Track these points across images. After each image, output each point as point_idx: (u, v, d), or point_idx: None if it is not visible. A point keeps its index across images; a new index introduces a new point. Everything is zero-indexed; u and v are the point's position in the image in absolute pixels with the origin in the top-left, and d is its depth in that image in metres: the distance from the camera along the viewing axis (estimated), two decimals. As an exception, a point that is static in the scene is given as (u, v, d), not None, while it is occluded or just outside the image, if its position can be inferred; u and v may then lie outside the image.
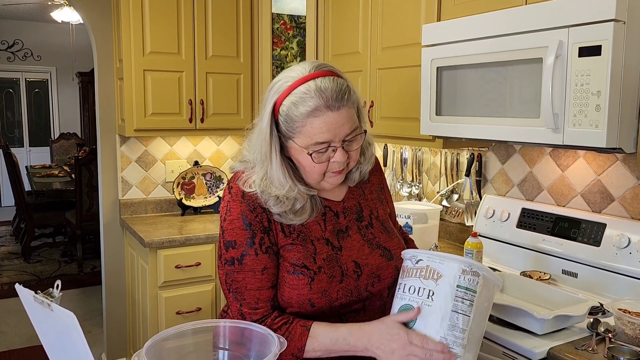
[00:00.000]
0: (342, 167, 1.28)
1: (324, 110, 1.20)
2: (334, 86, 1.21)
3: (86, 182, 5.12)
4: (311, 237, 1.31)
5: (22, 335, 3.95)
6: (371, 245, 1.37)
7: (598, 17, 1.46)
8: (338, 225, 1.36)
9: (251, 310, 1.27)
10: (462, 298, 1.13)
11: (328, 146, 1.23)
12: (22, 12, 7.81)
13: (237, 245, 1.27)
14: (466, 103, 1.89)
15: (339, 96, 1.21)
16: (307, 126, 1.21)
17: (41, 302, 0.98)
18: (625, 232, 1.80)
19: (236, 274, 1.28)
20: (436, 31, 1.99)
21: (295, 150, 1.26)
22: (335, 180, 1.31)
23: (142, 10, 2.86)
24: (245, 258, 1.27)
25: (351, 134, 1.25)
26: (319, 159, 1.24)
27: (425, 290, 1.15)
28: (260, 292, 1.27)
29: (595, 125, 1.49)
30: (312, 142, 1.22)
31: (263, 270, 1.27)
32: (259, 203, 1.27)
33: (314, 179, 1.30)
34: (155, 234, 2.77)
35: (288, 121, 1.23)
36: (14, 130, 9.02)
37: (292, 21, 3.16)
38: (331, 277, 1.28)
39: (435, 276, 1.14)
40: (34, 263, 5.80)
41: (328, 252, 1.31)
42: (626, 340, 1.46)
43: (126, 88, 2.88)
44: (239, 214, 1.28)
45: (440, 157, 2.61)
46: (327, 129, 1.21)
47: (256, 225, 1.27)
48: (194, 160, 3.35)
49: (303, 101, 1.20)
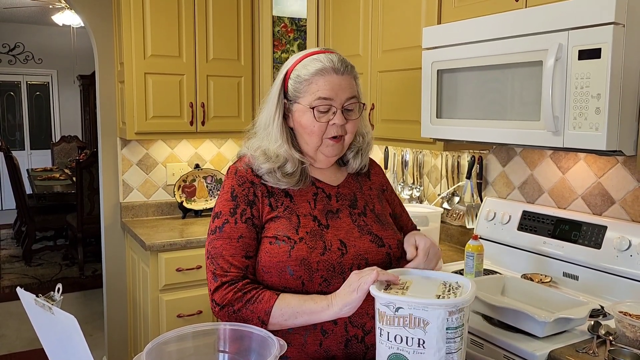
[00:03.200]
0: (339, 132, 1.36)
1: (330, 71, 1.35)
2: (340, 57, 1.38)
3: (87, 185, 5.13)
4: (298, 212, 1.36)
5: (24, 339, 3.95)
6: (362, 230, 1.39)
7: (598, 20, 1.46)
8: (329, 206, 1.40)
9: (223, 273, 1.31)
10: (454, 338, 1.10)
11: (330, 106, 1.34)
12: (23, 15, 7.82)
13: (221, 215, 1.35)
14: (467, 106, 1.89)
15: (343, 64, 1.37)
16: (312, 84, 1.34)
17: (42, 306, 0.98)
18: (626, 234, 1.80)
19: (216, 241, 1.34)
20: (437, 34, 2.00)
21: (299, 113, 1.37)
22: (331, 150, 1.38)
23: (143, 13, 2.86)
24: (225, 226, 1.34)
25: (351, 100, 1.37)
26: (319, 117, 1.34)
27: (415, 339, 1.10)
28: (234, 258, 1.32)
29: (595, 128, 1.49)
30: (316, 97, 1.34)
31: (239, 239, 1.33)
32: (249, 178, 1.37)
33: (312, 143, 1.37)
34: (156, 237, 2.78)
35: (297, 82, 1.37)
36: (15, 133, 9.03)
37: (292, 24, 3.17)
38: (312, 248, 1.31)
39: (421, 324, 1.09)
40: (35, 266, 5.80)
41: (313, 226, 1.34)
42: (627, 343, 1.46)
43: (127, 91, 2.88)
44: (228, 188, 1.38)
45: (441, 159, 2.61)
46: (330, 87, 1.34)
47: (241, 198, 1.35)
48: (195, 163, 3.36)
49: (312, 63, 1.36)
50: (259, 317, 1.26)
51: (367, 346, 1.32)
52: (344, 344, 1.31)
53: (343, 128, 1.37)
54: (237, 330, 1.16)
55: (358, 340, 1.32)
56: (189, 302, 2.77)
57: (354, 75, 1.40)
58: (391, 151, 2.84)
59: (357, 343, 1.32)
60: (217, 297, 1.30)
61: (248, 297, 1.28)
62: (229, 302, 1.28)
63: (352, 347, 1.31)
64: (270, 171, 1.36)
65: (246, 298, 1.28)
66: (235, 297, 1.28)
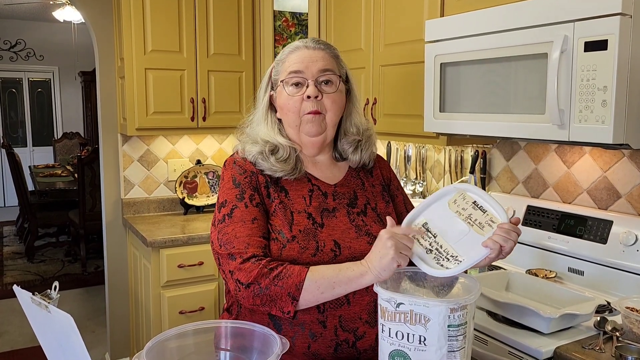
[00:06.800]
0: (314, 107, 1.34)
1: (302, 48, 1.38)
2: (316, 39, 1.42)
3: (89, 182, 5.12)
4: (292, 209, 1.32)
5: (26, 335, 3.95)
6: (359, 231, 1.34)
7: (604, 11, 1.43)
8: (325, 204, 1.36)
9: (242, 250, 1.23)
10: (456, 336, 1.08)
11: (303, 79, 1.35)
12: (24, 11, 7.81)
13: (227, 203, 1.31)
14: (470, 99, 1.86)
15: (316, 41, 1.40)
16: (286, 62, 1.38)
17: (39, 304, 0.96)
18: (632, 229, 1.78)
19: (226, 228, 1.28)
20: (439, 27, 1.97)
21: (278, 95, 1.39)
22: (311, 127, 1.35)
23: (143, 9, 2.84)
24: (234, 211, 1.29)
25: (326, 73, 1.36)
26: (292, 92, 1.35)
27: (416, 336, 1.08)
28: (251, 239, 1.25)
29: (601, 121, 1.46)
30: (287, 72, 1.36)
31: (253, 220, 1.28)
32: (248, 167, 1.35)
33: (292, 122, 1.37)
34: (157, 233, 2.76)
35: (276, 66, 1.41)
36: (17, 130, 9.03)
37: (294, 18, 3.15)
38: (303, 249, 1.27)
39: (422, 320, 1.08)
40: (38, 263, 5.80)
41: (307, 225, 1.30)
42: (634, 339, 1.44)
43: (128, 87, 2.87)
44: (229, 177, 1.35)
45: (444, 154, 2.59)
46: (300, 60, 1.36)
47: (245, 185, 1.33)
48: (196, 159, 3.34)
49: (289, 46, 1.41)
50: (290, 293, 1.18)
51: (359, 351, 1.29)
52: (334, 348, 1.27)
53: (320, 103, 1.35)
54: (238, 327, 1.14)
55: (349, 345, 1.28)
56: (191, 298, 2.76)
57: (331, 53, 1.40)
58: (394, 146, 2.82)
59: (347, 348, 1.28)
60: (241, 276, 1.20)
61: (275, 272, 1.19)
62: (255, 280, 1.19)
63: (342, 351, 1.28)
64: (261, 153, 1.34)
65: (273, 274, 1.19)
66: (261, 273, 1.19)
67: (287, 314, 1.21)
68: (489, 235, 1.19)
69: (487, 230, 1.19)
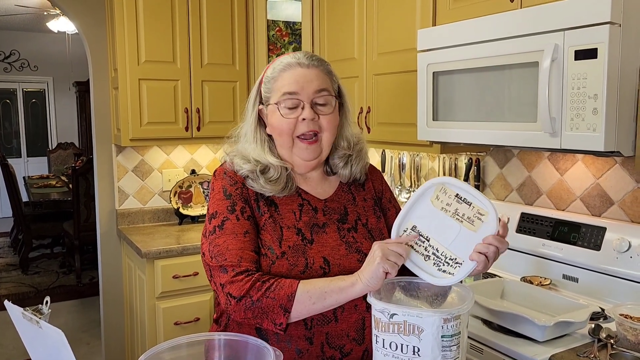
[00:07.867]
0: (310, 127, 1.30)
1: (295, 66, 1.32)
2: (308, 53, 1.37)
3: (84, 192, 5.10)
4: (281, 224, 1.30)
5: (20, 348, 3.92)
6: (349, 248, 1.33)
7: (594, 19, 1.44)
8: (315, 219, 1.34)
9: (235, 264, 1.22)
10: (449, 346, 1.08)
11: (298, 100, 1.30)
12: (18, 22, 7.81)
13: (218, 214, 1.29)
14: (463, 108, 1.87)
15: (309, 58, 1.34)
16: (278, 81, 1.32)
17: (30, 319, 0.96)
18: (626, 235, 1.79)
19: (217, 239, 1.26)
20: (432, 36, 1.98)
21: (270, 114, 1.34)
22: (306, 153, 1.32)
23: (137, 19, 2.84)
24: (226, 223, 1.28)
25: (321, 93, 1.32)
26: (287, 113, 1.30)
27: (410, 346, 1.08)
28: (243, 252, 1.24)
29: (592, 129, 1.47)
30: (281, 93, 1.31)
31: (245, 234, 1.26)
32: (238, 179, 1.33)
33: (284, 143, 1.33)
34: (152, 244, 2.75)
35: (267, 83, 1.35)
36: (11, 141, 9.00)
37: (287, 28, 3.15)
38: (293, 265, 1.25)
39: (416, 331, 1.08)
40: (32, 274, 5.77)
41: (296, 241, 1.29)
42: (628, 347, 1.44)
43: (121, 97, 2.86)
44: (220, 188, 1.33)
45: (438, 162, 2.59)
46: (294, 80, 1.30)
47: (237, 196, 1.31)
48: (191, 168, 3.33)
49: (280, 62, 1.35)
50: (281, 305, 1.18)
51: None
52: None
53: (316, 124, 1.31)
54: (232, 339, 1.14)
55: None
56: (186, 309, 2.74)
57: (325, 69, 1.35)
58: (388, 154, 2.82)
59: None
60: (233, 290, 1.19)
61: (267, 285, 1.19)
62: (247, 293, 1.19)
63: None
64: (252, 172, 1.32)
65: (265, 287, 1.19)
66: (253, 287, 1.19)
67: (279, 326, 1.20)
68: (482, 230, 1.17)
69: (477, 225, 1.18)
